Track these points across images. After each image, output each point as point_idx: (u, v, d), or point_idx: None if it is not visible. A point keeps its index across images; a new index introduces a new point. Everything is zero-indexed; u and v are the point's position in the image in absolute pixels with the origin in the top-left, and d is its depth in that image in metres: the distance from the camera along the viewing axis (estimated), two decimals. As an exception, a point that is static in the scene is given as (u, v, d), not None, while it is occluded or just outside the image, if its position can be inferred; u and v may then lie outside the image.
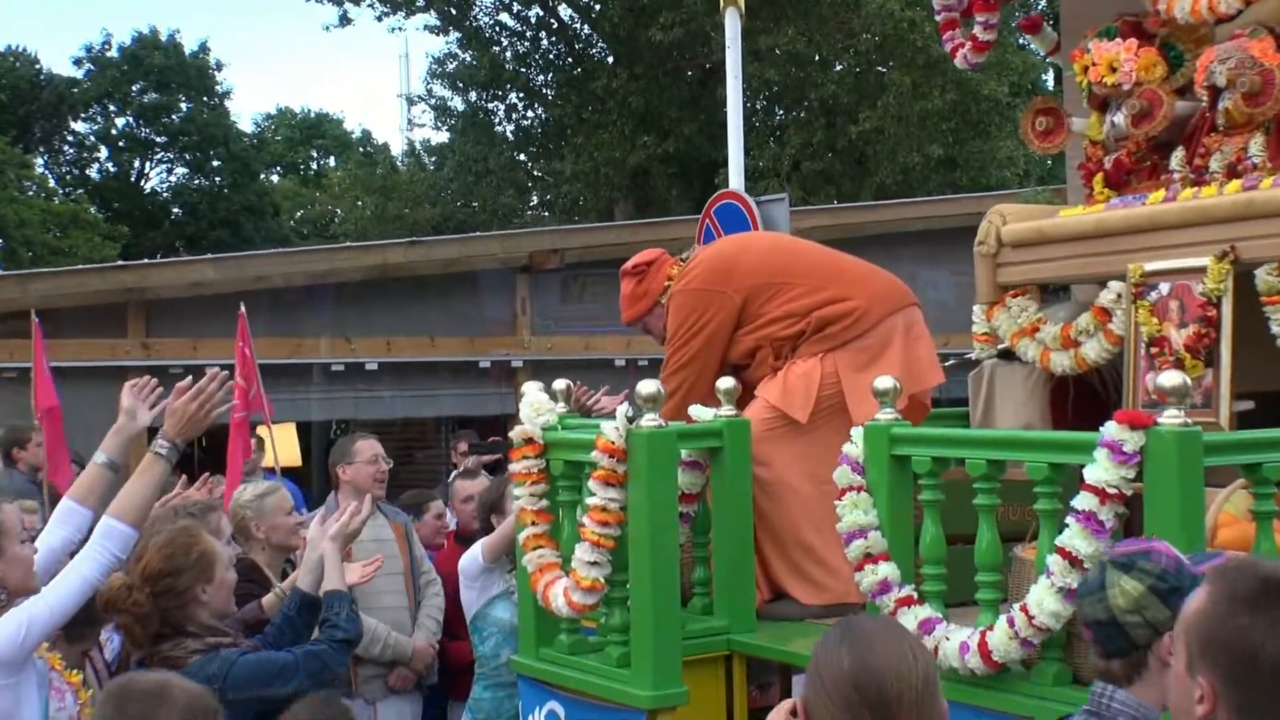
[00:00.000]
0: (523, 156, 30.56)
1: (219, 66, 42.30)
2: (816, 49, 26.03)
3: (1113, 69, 5.57)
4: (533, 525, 5.29)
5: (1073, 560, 3.89)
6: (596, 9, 27.57)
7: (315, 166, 50.62)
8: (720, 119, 20.43)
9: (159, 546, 4.49)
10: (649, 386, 4.85)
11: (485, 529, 6.62)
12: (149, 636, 4.44)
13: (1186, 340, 5.00)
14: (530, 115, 29.98)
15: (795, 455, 5.46)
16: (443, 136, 32.67)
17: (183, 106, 40.75)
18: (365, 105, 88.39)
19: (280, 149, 49.46)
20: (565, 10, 28.56)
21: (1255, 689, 2.29)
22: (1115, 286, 5.36)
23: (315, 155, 51.04)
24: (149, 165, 41.99)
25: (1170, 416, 3.81)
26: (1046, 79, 28.28)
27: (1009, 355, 5.90)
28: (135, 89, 40.30)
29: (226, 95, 42.71)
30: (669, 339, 5.80)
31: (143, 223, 39.37)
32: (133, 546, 4.43)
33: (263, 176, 44.79)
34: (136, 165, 41.55)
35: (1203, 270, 4.98)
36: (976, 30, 6.51)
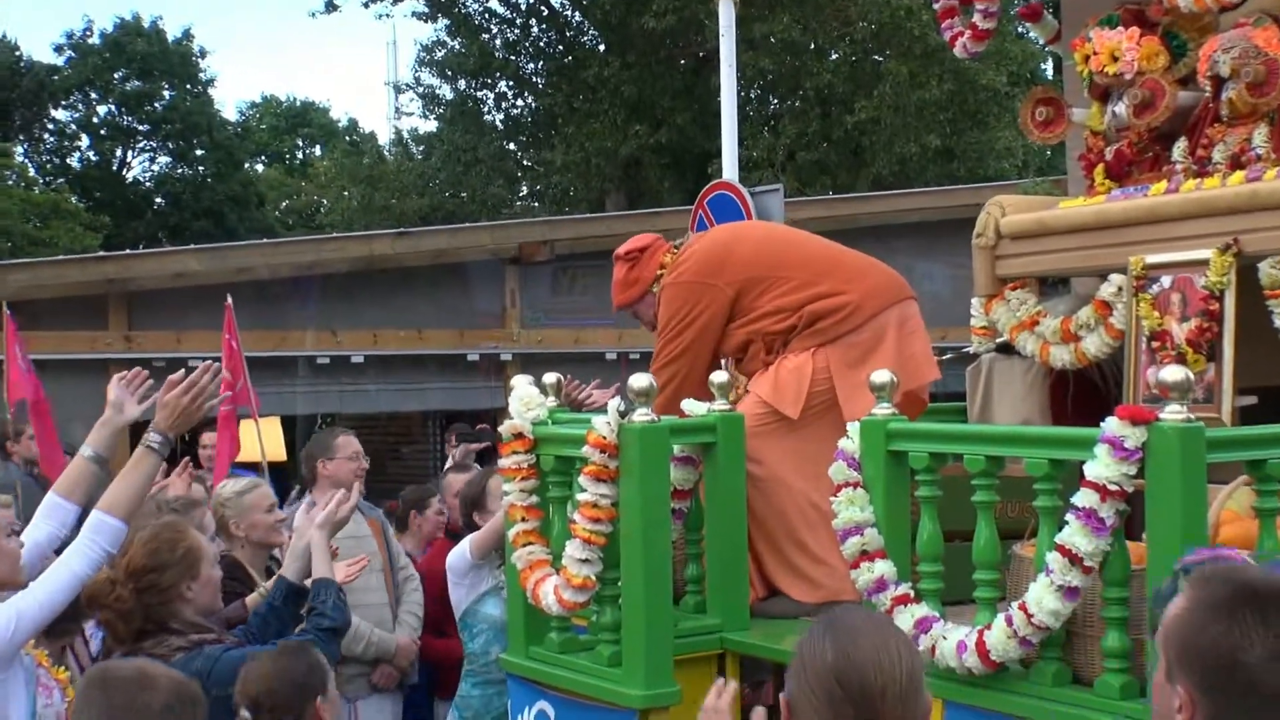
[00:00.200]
0: (512, 146, 30.57)
1: (202, 54, 42.30)
2: (812, 37, 26.04)
3: (1114, 58, 5.56)
4: (522, 521, 5.29)
5: (1072, 558, 3.89)
6: (588, -4, 27.60)
7: (301, 156, 50.57)
8: (714, 108, 20.43)
9: (144, 541, 4.48)
10: (641, 380, 4.85)
11: (468, 527, 6.61)
12: (131, 633, 4.43)
13: (1188, 334, 5.00)
14: (520, 104, 29.99)
15: (787, 451, 5.45)
16: (431, 125, 32.73)
17: (165, 94, 40.71)
18: (352, 93, 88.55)
19: (265, 138, 49.41)
20: (556, -3, 28.58)
21: (1231, 697, 2.28)
22: (1116, 279, 5.36)
23: (301, 144, 50.99)
24: (131, 154, 41.94)
25: (1172, 412, 3.81)
26: (1046, 68, 28.34)
27: (1008, 349, 5.89)
28: (117, 76, 40.25)
29: (210, 83, 42.71)
30: (660, 331, 5.78)
31: (124, 213, 39.33)
32: (123, 541, 4.42)
33: (247, 166, 44.77)
34: (118, 154, 41.49)
35: (1205, 263, 4.98)
36: (976, 18, 6.49)
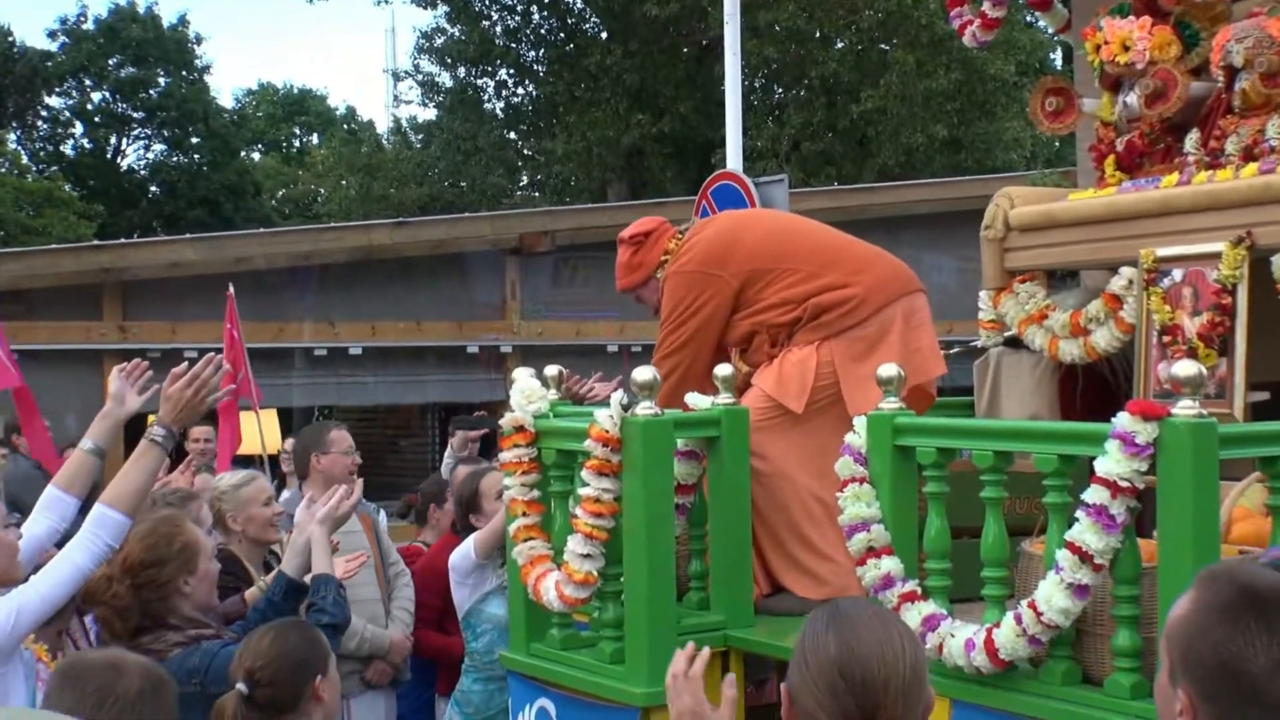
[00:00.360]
0: (513, 135, 30.53)
1: (198, 40, 42.27)
2: (817, 25, 25.99)
3: (1125, 48, 5.55)
4: (524, 516, 5.28)
5: (1083, 555, 3.88)
6: (590, -18, 27.58)
7: (298, 144, 50.58)
8: (717, 97, 20.45)
9: (141, 536, 4.48)
10: (645, 373, 4.84)
11: (465, 529, 6.59)
12: (129, 630, 4.43)
13: (1200, 328, 4.99)
14: (521, 92, 29.96)
15: (791, 446, 5.45)
16: (430, 114, 32.69)
17: (161, 81, 40.68)
18: (350, 81, 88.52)
19: (262, 126, 49.40)
20: (557, -16, 28.55)
21: (1232, 705, 2.26)
22: (1127, 273, 5.35)
23: (298, 132, 51.00)
24: (125, 142, 41.93)
25: (1185, 407, 3.80)
26: (1055, 58, 28.31)
27: (1016, 343, 5.89)
28: (112, 63, 40.21)
29: (206, 70, 42.69)
30: (663, 321, 5.78)
31: (119, 201, 39.32)
32: (126, 534, 4.42)
33: (243, 154, 44.75)
34: (113, 142, 41.48)
35: (1217, 256, 4.97)
36: (986, 6, 6.48)
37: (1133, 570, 3.96)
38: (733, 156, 10.30)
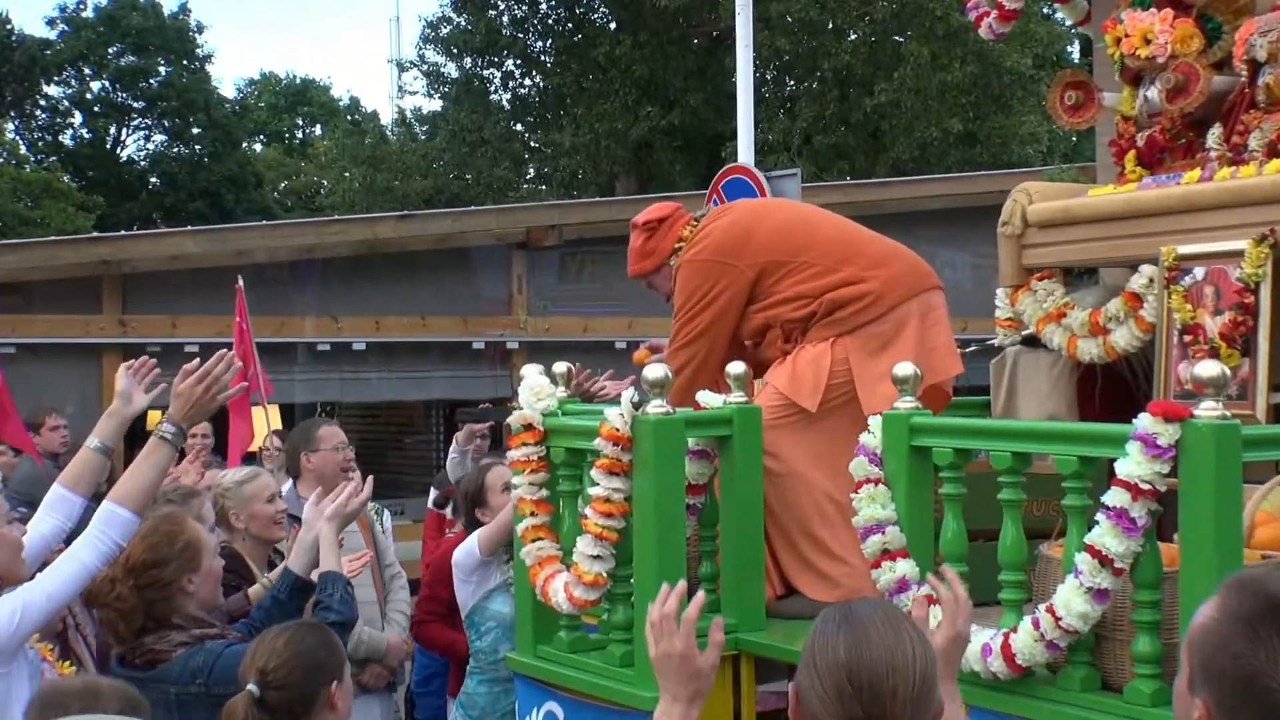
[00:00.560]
0: (519, 127, 30.55)
1: (200, 29, 42.38)
2: (830, 16, 25.98)
3: (1147, 41, 5.54)
4: (532, 516, 5.27)
5: (1102, 559, 3.88)
6: (598, -29, 27.59)
7: (300, 135, 50.65)
8: (728, 89, 20.40)
9: (142, 536, 4.47)
10: (656, 371, 4.83)
11: (470, 524, 6.59)
12: (133, 631, 4.43)
13: (1222, 328, 4.99)
14: (528, 83, 29.95)
15: (805, 445, 5.44)
16: (435, 105, 32.71)
17: (161, 70, 40.76)
18: (354, 71, 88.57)
19: (264, 116, 49.48)
20: (566, -27, 28.55)
21: (1251, 716, 2.24)
22: (1147, 270, 5.35)
23: (301, 123, 51.06)
24: (125, 132, 42.00)
25: (1207, 408, 3.80)
26: (1072, 50, 28.26)
27: (1033, 342, 5.89)
28: (112, 51, 40.29)
29: (208, 59, 42.77)
30: (676, 312, 5.76)
31: (118, 192, 39.40)
32: (134, 533, 4.41)
33: (245, 145, 44.84)
34: (112, 132, 41.54)
35: (1240, 254, 4.96)
36: (1003, -2, 6.48)
37: (1153, 575, 3.95)
38: (744, 150, 10.31)
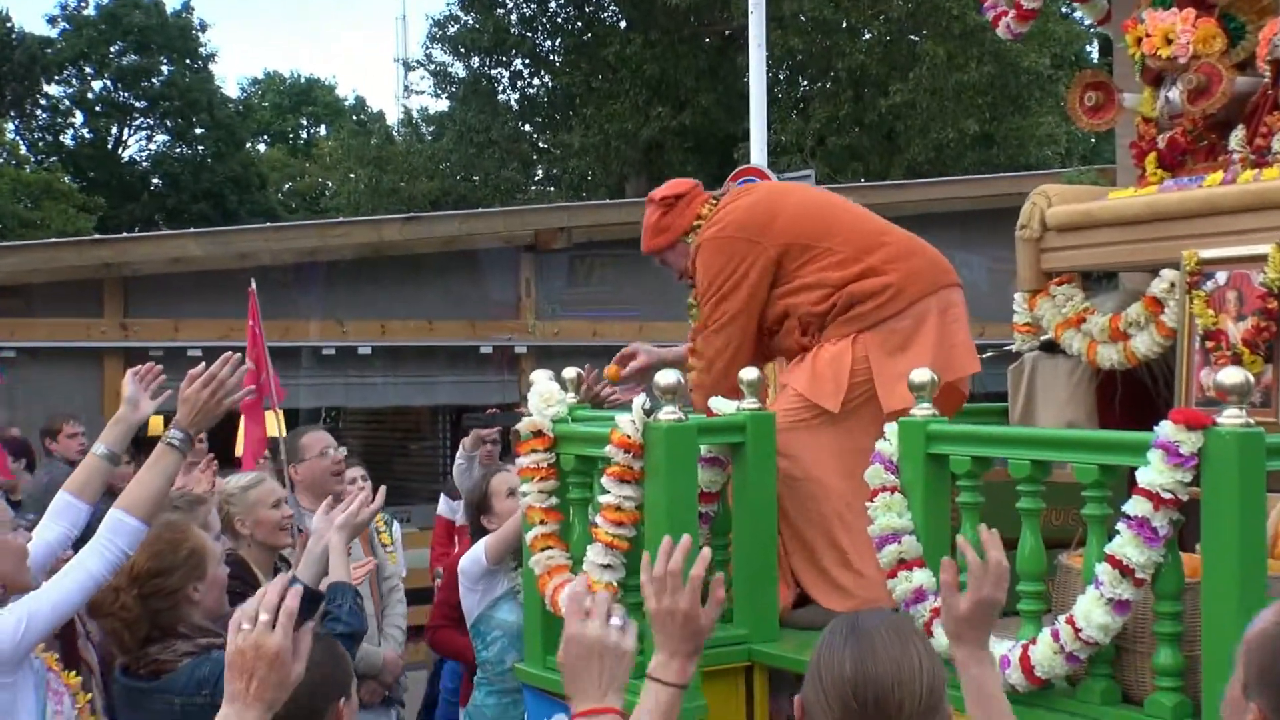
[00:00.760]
0: (528, 127, 30.58)
1: (203, 27, 42.45)
2: (844, 15, 26.00)
3: (1168, 41, 5.53)
4: (541, 524, 5.27)
5: (1123, 570, 3.87)
6: (608, -31, 27.61)
7: (305, 135, 50.71)
8: (740, 89, 20.41)
9: (146, 544, 4.47)
10: (668, 377, 4.83)
11: (476, 531, 6.59)
12: (138, 641, 4.43)
13: (1245, 334, 4.98)
14: (536, 83, 29.99)
15: (827, 448, 5.43)
16: (442, 105, 32.75)
17: (164, 69, 40.83)
18: (359, 70, 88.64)
19: (268, 116, 49.55)
20: (575, -29, 28.58)
21: None
22: (1168, 275, 5.34)
23: (305, 123, 51.13)
24: (127, 132, 42.06)
25: (1231, 416, 3.79)
26: (1091, 50, 28.24)
27: (1052, 347, 5.88)
28: (113, 50, 40.37)
29: (211, 58, 42.82)
30: (704, 294, 5.72)
31: (120, 194, 39.45)
32: (142, 542, 4.41)
33: (249, 145, 44.91)
34: (114, 132, 41.61)
35: (1263, 259, 4.95)
36: (1021, -3, 6.47)
37: (1175, 586, 3.95)
38: (756, 150, 10.32)
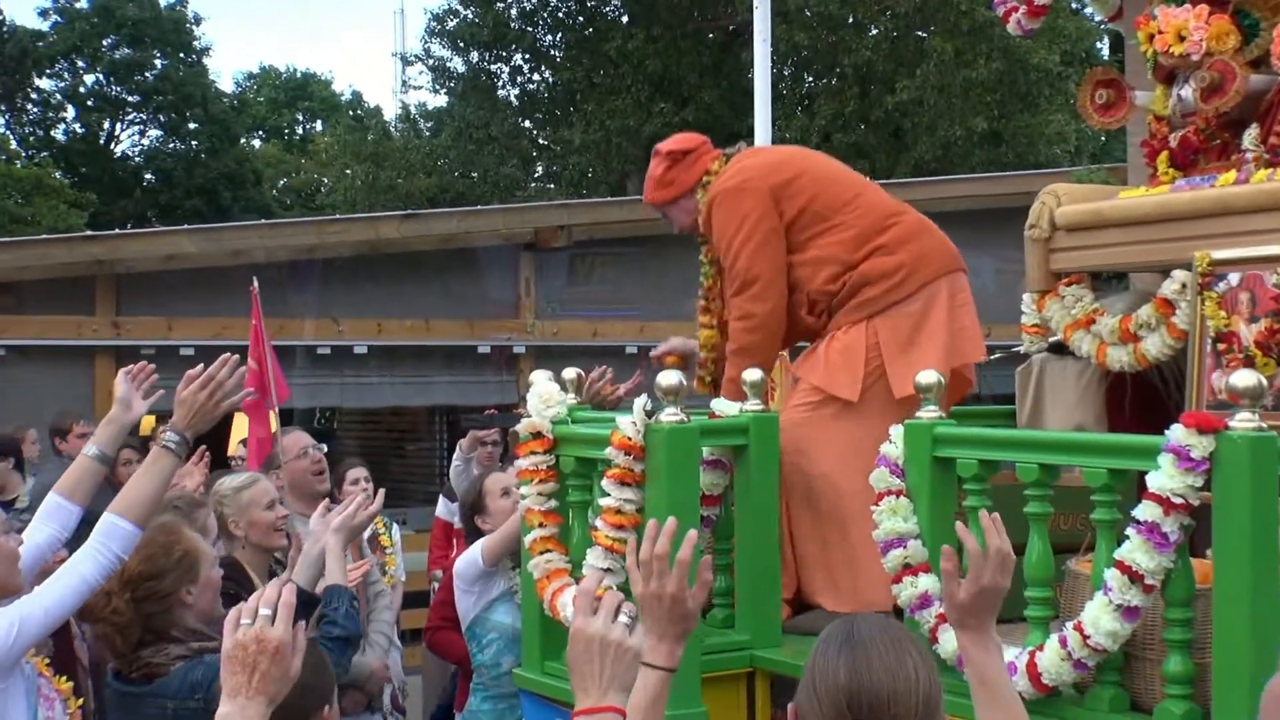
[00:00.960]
0: (528, 124, 30.56)
1: (197, 20, 42.48)
2: (850, 11, 25.98)
3: (1181, 38, 5.53)
4: (540, 528, 5.28)
5: (1133, 575, 3.88)
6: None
7: (301, 131, 50.71)
8: (744, 86, 20.42)
9: (138, 547, 4.47)
10: (671, 378, 4.84)
11: (471, 533, 6.58)
12: (130, 645, 4.43)
13: (1257, 336, 4.97)
14: (537, 78, 29.98)
15: (845, 441, 5.43)
16: (441, 100, 32.72)
17: (157, 63, 40.84)
18: (356, 65, 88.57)
19: (263, 111, 49.54)
20: (577, -36, 28.57)
21: None
22: (1180, 276, 5.33)
23: (301, 119, 51.14)
24: (120, 127, 42.08)
25: (1243, 420, 3.80)
26: (1101, 47, 28.23)
27: (1061, 349, 5.88)
28: (106, 44, 40.37)
29: (205, 52, 42.88)
30: (731, 249, 5.70)
31: (112, 189, 39.47)
32: (135, 546, 4.41)
33: (243, 141, 44.90)
34: (106, 127, 41.62)
35: (1276, 260, 4.95)
36: (1032, -9, 6.48)
37: (1185, 592, 3.95)
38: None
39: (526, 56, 29.42)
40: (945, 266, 5.71)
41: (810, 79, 28.61)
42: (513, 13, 28.68)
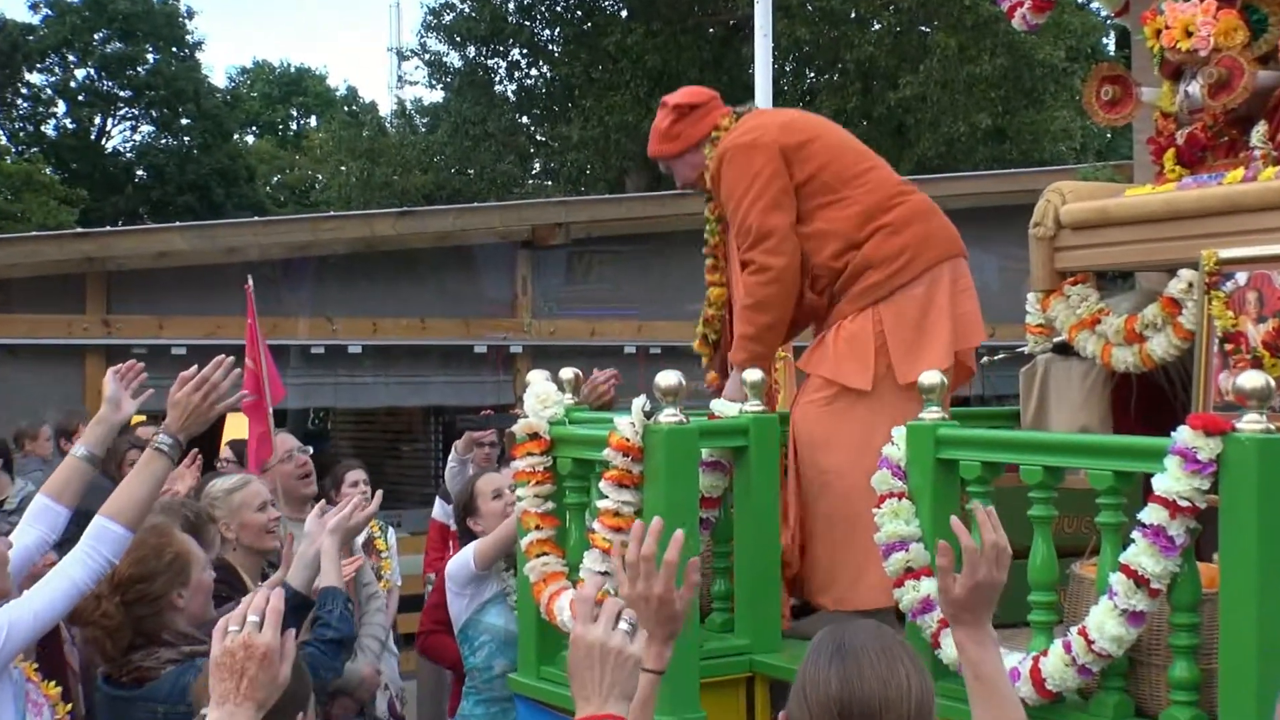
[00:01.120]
0: (525, 119, 30.54)
1: (190, 14, 42.45)
2: (853, 5, 25.99)
3: (1188, 33, 5.53)
4: (536, 530, 5.27)
5: (1138, 580, 3.88)
6: (610, -44, 27.60)
7: (295, 127, 50.69)
8: (745, 81, 20.40)
9: (129, 550, 4.47)
10: (669, 379, 4.83)
11: (464, 534, 6.57)
12: (120, 649, 4.43)
13: (1265, 336, 4.97)
14: (534, 74, 29.96)
15: (860, 434, 5.39)
16: (437, 96, 32.75)
17: (149, 58, 40.83)
18: (351, 60, 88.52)
19: (256, 106, 49.55)
20: (575, -43, 28.56)
21: None
22: (1186, 275, 5.33)
23: (295, 114, 51.13)
24: (111, 122, 42.07)
25: (1250, 421, 3.79)
26: (1107, 42, 28.25)
27: (1066, 349, 5.88)
28: (97, 38, 40.36)
29: (198, 46, 42.83)
30: (743, 204, 5.67)
31: (103, 186, 39.45)
32: (126, 549, 4.40)
33: (236, 137, 44.89)
34: (97, 122, 41.62)
35: (1285, 259, 4.96)
36: (1038, -14, 6.47)
37: (1192, 596, 3.95)
38: (761, 145, 10.28)
39: (524, 51, 29.40)
40: (948, 251, 5.73)
41: (812, 74, 28.61)
42: (510, 7, 28.65)
